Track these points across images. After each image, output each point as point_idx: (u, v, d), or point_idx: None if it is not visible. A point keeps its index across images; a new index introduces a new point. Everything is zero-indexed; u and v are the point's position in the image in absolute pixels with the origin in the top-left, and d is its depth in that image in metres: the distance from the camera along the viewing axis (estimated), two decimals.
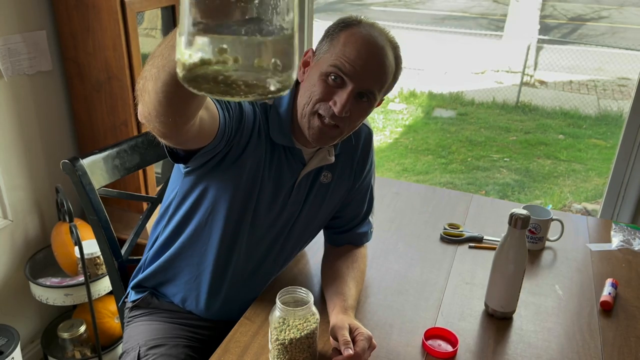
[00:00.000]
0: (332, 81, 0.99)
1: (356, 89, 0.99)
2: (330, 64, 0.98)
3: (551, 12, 10.36)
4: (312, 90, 1.01)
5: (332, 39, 1.01)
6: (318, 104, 1.00)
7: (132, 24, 1.79)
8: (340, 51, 0.98)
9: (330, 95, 1.00)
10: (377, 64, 1.00)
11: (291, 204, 1.14)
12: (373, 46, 0.99)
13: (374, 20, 1.06)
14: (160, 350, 1.14)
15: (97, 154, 1.37)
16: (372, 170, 1.26)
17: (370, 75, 0.99)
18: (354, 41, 0.99)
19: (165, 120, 0.82)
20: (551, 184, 4.38)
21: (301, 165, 1.12)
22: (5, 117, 1.78)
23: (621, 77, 6.85)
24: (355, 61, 0.98)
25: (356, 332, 0.97)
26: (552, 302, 1.20)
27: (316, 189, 1.16)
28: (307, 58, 1.05)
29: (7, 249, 1.88)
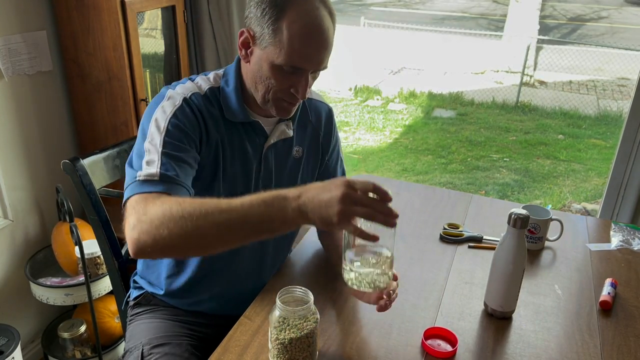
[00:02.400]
0: (287, 71, 1.02)
1: (311, 71, 1.04)
2: (282, 61, 0.99)
3: (551, 13, 10.36)
4: (268, 81, 1.03)
5: (274, 28, 0.98)
6: (278, 92, 1.05)
7: (132, 24, 1.80)
8: (289, 47, 0.98)
9: (288, 83, 1.03)
10: (324, 43, 1.01)
11: (263, 178, 1.17)
12: (318, 29, 0.99)
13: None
14: (164, 349, 1.14)
15: (97, 154, 1.37)
16: (337, 143, 1.33)
17: (321, 55, 1.02)
18: (299, 32, 0.98)
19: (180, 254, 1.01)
20: (551, 184, 4.38)
21: (263, 138, 1.15)
22: (6, 117, 1.79)
23: (621, 77, 6.86)
24: (306, 53, 1.00)
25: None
26: (552, 301, 1.20)
27: (290, 163, 1.21)
28: (245, 39, 1.04)
29: (7, 248, 1.88)
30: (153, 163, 0.97)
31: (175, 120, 1.03)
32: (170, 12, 2.05)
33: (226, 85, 1.11)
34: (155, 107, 1.06)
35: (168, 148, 1.00)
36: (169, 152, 0.99)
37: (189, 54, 2.18)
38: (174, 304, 1.25)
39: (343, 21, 9.30)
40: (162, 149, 0.99)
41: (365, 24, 7.87)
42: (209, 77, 1.13)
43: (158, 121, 1.03)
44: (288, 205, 0.84)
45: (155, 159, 0.98)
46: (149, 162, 0.97)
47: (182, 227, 0.84)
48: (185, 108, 1.05)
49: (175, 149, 1.01)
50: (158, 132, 1.01)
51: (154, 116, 1.04)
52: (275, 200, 0.85)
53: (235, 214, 0.84)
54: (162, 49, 2.13)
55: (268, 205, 0.84)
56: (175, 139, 1.02)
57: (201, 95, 1.09)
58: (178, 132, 1.02)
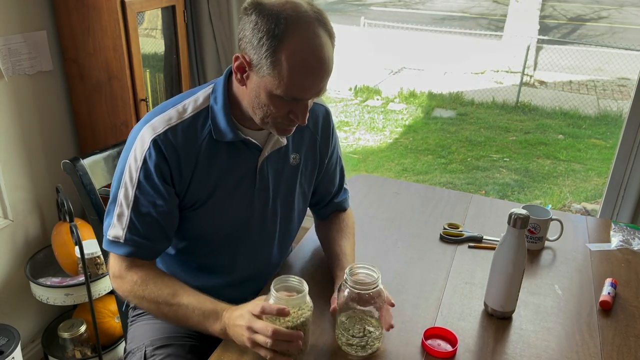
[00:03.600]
0: (286, 100, 0.99)
1: (311, 98, 1.02)
2: (282, 93, 0.97)
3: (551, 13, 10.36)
4: (267, 108, 1.00)
5: (273, 60, 0.94)
6: (278, 118, 1.02)
7: (132, 24, 1.80)
8: (288, 80, 0.95)
9: (287, 109, 1.01)
10: (325, 73, 0.97)
11: (258, 190, 1.15)
12: (319, 60, 0.95)
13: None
14: (167, 350, 1.14)
15: (97, 154, 1.37)
16: (336, 146, 1.32)
17: (321, 85, 0.99)
18: (299, 65, 0.94)
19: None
20: (551, 184, 4.38)
21: (257, 152, 1.13)
22: (6, 117, 1.79)
23: (621, 77, 6.86)
24: (307, 85, 0.97)
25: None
26: (552, 301, 1.20)
27: (287, 171, 1.19)
28: (241, 65, 0.99)
29: (7, 248, 1.88)
30: (122, 219, 1.05)
31: (145, 169, 1.03)
32: (170, 12, 2.05)
33: (215, 103, 1.08)
34: (130, 147, 1.06)
35: (138, 204, 1.04)
36: (139, 210, 1.05)
37: (189, 54, 2.18)
38: None
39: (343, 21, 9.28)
40: (133, 205, 1.04)
41: (365, 24, 7.87)
42: (197, 96, 1.09)
43: (131, 171, 1.05)
44: (218, 324, 0.99)
45: (124, 214, 1.05)
46: (119, 217, 1.06)
47: (142, 306, 1.08)
48: (152, 153, 1.03)
49: (145, 204, 1.04)
50: (131, 184, 1.05)
51: (128, 162, 1.06)
52: (211, 315, 1.00)
53: (179, 313, 1.03)
54: (162, 49, 2.13)
55: (204, 317, 1.01)
56: (146, 192, 1.04)
57: (182, 123, 1.05)
58: (149, 183, 1.04)
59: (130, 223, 1.05)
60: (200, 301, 1.02)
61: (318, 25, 0.95)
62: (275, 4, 0.94)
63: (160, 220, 1.06)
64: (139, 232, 1.05)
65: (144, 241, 1.06)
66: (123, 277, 1.07)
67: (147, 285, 1.05)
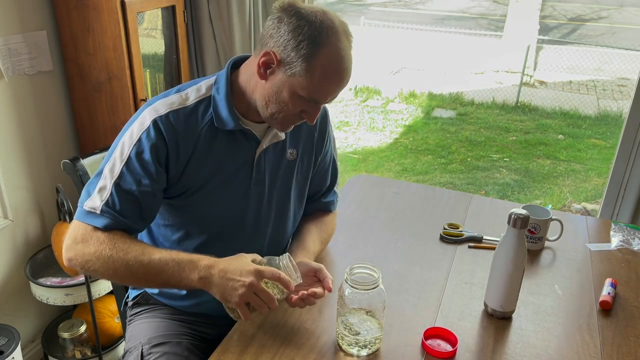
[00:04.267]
0: (305, 100, 1.04)
1: (328, 102, 1.09)
2: (306, 94, 1.02)
3: (551, 13, 10.37)
4: (284, 105, 1.05)
5: (308, 64, 1.00)
6: (290, 115, 1.07)
7: (132, 25, 1.80)
8: (317, 84, 1.01)
9: (301, 108, 1.06)
10: (346, 81, 1.05)
11: (254, 183, 1.16)
12: (345, 70, 1.03)
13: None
14: (164, 348, 1.14)
15: (97, 153, 1.37)
16: (331, 144, 1.33)
17: (340, 90, 1.07)
18: (329, 73, 1.01)
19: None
20: (551, 184, 4.38)
21: (255, 143, 1.14)
22: (6, 117, 1.79)
23: (621, 77, 6.86)
24: (330, 90, 1.04)
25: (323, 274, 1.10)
26: (552, 301, 1.20)
27: (284, 166, 1.20)
28: (269, 60, 1.03)
29: (7, 248, 1.88)
30: (103, 192, 1.05)
31: (139, 146, 1.04)
32: (170, 12, 2.05)
33: (217, 92, 1.11)
34: (129, 124, 1.09)
35: (122, 180, 1.05)
36: (121, 186, 1.04)
37: (189, 54, 2.18)
38: (173, 305, 1.25)
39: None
40: (117, 180, 1.04)
41: (365, 24, 7.87)
42: (200, 86, 1.12)
43: (124, 146, 1.06)
44: (195, 273, 1.00)
45: (107, 187, 1.05)
46: (100, 189, 1.05)
47: (108, 268, 1.02)
48: (152, 132, 1.04)
49: (129, 181, 1.05)
50: (120, 159, 1.05)
51: (122, 139, 1.07)
52: (187, 265, 1.01)
53: (151, 268, 1.01)
54: (162, 49, 2.13)
55: (179, 268, 1.01)
56: (133, 169, 1.05)
57: (185, 109, 1.08)
58: (140, 160, 1.04)
59: (109, 197, 1.04)
60: (173, 254, 1.03)
61: (346, 37, 1.03)
62: (314, 12, 1.01)
63: (140, 200, 1.05)
64: (115, 207, 1.04)
65: (119, 217, 1.04)
66: (87, 240, 1.03)
67: (114, 244, 1.02)
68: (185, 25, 2.11)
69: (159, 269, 1.01)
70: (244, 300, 0.98)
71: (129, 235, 1.07)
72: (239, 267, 1.00)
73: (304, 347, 1.04)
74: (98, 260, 1.02)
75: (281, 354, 1.02)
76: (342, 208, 1.47)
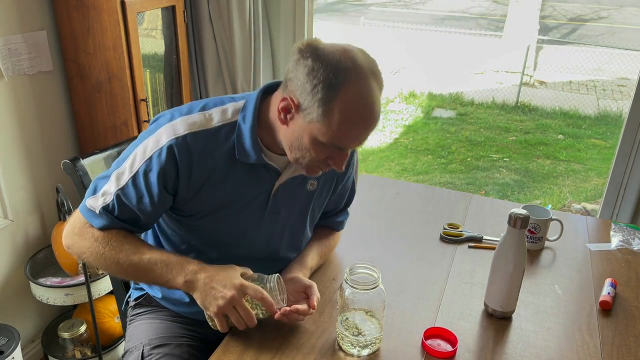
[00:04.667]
0: (329, 146, 0.98)
1: (355, 148, 1.02)
2: (327, 141, 0.96)
3: (551, 13, 10.37)
4: (306, 151, 0.99)
5: (325, 109, 0.93)
6: (315, 162, 1.01)
7: (132, 25, 1.80)
8: (338, 130, 0.94)
9: (326, 154, 1.00)
10: (373, 125, 0.97)
11: (269, 213, 1.12)
12: (370, 114, 0.95)
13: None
14: (164, 349, 1.14)
15: (97, 154, 1.37)
16: (354, 169, 1.28)
17: (367, 135, 0.99)
18: (351, 118, 0.94)
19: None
20: (551, 184, 4.38)
21: (276, 175, 1.09)
22: (6, 117, 1.79)
23: (621, 77, 6.86)
24: (354, 136, 0.97)
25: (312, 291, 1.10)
26: (552, 301, 1.20)
27: (301, 196, 1.16)
28: (287, 105, 0.97)
29: (7, 249, 1.88)
30: (106, 196, 1.04)
31: (148, 165, 1.01)
32: (170, 12, 2.05)
33: (243, 121, 1.04)
34: (147, 135, 1.04)
35: (125, 192, 1.03)
36: (122, 197, 1.03)
37: (189, 54, 2.18)
38: (176, 310, 1.24)
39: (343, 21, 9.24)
40: (121, 189, 1.03)
41: (365, 24, 7.87)
42: (226, 108, 1.06)
43: (136, 158, 1.03)
44: (182, 276, 1.01)
45: (110, 193, 1.04)
46: (104, 193, 1.05)
47: (100, 263, 1.06)
48: (163, 155, 1.00)
49: (132, 196, 1.03)
50: (129, 171, 1.03)
51: (137, 150, 1.04)
52: (175, 267, 1.02)
53: (140, 268, 1.03)
54: (162, 49, 2.13)
55: (167, 269, 1.02)
56: (138, 185, 1.02)
57: (206, 132, 1.02)
58: (145, 180, 1.02)
59: (110, 203, 1.04)
60: (164, 254, 1.04)
61: (372, 78, 0.95)
62: (333, 51, 0.93)
63: (138, 214, 1.05)
64: (113, 213, 1.05)
65: (116, 220, 1.05)
66: (84, 233, 1.05)
67: (108, 242, 1.04)
68: (185, 25, 2.11)
69: (148, 268, 1.03)
70: (221, 311, 0.99)
71: (125, 233, 1.07)
72: (225, 278, 0.99)
73: (304, 347, 1.04)
74: (91, 255, 1.05)
75: (281, 354, 1.02)
76: None
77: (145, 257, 1.03)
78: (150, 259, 1.03)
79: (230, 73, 2.20)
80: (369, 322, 1.03)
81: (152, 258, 1.03)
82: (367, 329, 1.03)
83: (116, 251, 1.03)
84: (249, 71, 2.20)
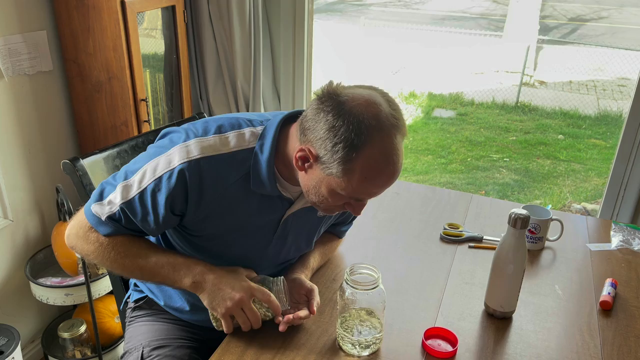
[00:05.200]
0: (348, 198, 0.97)
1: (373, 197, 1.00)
2: (349, 195, 0.95)
3: (551, 13, 10.36)
4: (324, 199, 0.97)
5: (346, 167, 0.90)
6: (333, 207, 1.00)
7: (132, 25, 1.79)
8: (357, 186, 0.93)
9: (344, 201, 0.99)
10: (394, 179, 0.96)
11: (277, 238, 1.11)
12: (393, 170, 0.93)
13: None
14: (164, 351, 1.14)
15: (97, 154, 1.37)
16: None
17: (387, 188, 0.98)
18: (372, 176, 0.92)
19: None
20: (551, 184, 4.38)
21: (287, 204, 1.08)
22: (6, 117, 1.79)
23: (621, 77, 6.85)
24: (373, 192, 0.97)
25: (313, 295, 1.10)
26: (552, 302, 1.20)
27: (311, 221, 1.15)
28: (305, 155, 0.94)
29: (7, 249, 1.88)
30: (111, 205, 1.02)
31: (157, 186, 0.98)
32: (170, 12, 2.05)
33: (260, 151, 1.00)
34: (159, 152, 1.00)
35: (131, 206, 1.00)
36: (128, 210, 1.01)
37: (189, 54, 2.17)
38: (177, 316, 1.23)
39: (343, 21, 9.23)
40: (126, 203, 1.00)
41: (365, 24, 7.87)
42: (243, 132, 1.01)
43: (145, 174, 0.99)
44: (189, 277, 1.01)
45: (116, 203, 1.01)
46: (110, 202, 1.02)
47: (105, 265, 1.07)
48: (173, 179, 0.96)
49: (136, 212, 1.01)
50: (137, 186, 1.00)
51: (148, 165, 1.00)
52: (181, 268, 1.02)
53: (147, 271, 1.04)
54: (162, 49, 2.13)
55: (174, 270, 1.02)
56: (144, 203, 1.00)
57: (220, 156, 0.98)
58: (152, 199, 0.99)
59: (116, 213, 1.02)
60: (170, 256, 1.04)
61: (396, 132, 0.92)
62: (355, 105, 0.89)
63: (141, 228, 1.04)
64: (120, 222, 1.03)
65: (122, 228, 1.04)
66: (89, 237, 1.04)
67: (113, 247, 1.03)
68: (185, 25, 2.11)
69: (155, 271, 1.03)
70: (229, 312, 1.00)
71: (131, 237, 1.06)
72: (233, 280, 1.00)
73: (304, 347, 1.04)
74: (96, 258, 1.06)
75: (281, 354, 1.02)
76: None
77: (152, 260, 1.03)
78: (157, 262, 1.03)
79: (230, 73, 2.20)
80: (369, 322, 1.03)
81: (159, 261, 1.03)
82: (367, 329, 1.03)
83: (122, 256, 1.04)
84: (249, 71, 2.20)
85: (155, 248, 1.07)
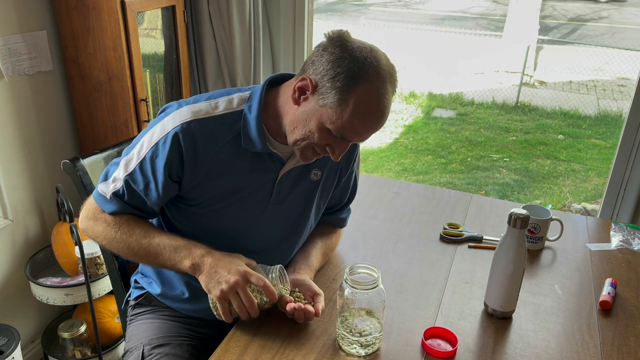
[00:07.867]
0: (333, 135, 1.01)
1: (356, 142, 1.06)
2: (334, 129, 0.99)
3: (551, 13, 10.37)
4: (310, 134, 1.02)
5: (342, 97, 0.96)
6: (314, 146, 1.04)
7: (132, 25, 1.80)
8: (347, 121, 0.98)
9: (327, 141, 1.03)
10: (379, 125, 1.01)
11: (273, 203, 1.14)
12: (380, 113, 0.99)
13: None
14: (165, 349, 1.14)
15: (97, 154, 1.37)
16: (356, 164, 1.30)
17: (371, 133, 1.03)
18: (362, 112, 0.97)
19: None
20: (551, 184, 4.38)
21: (280, 164, 1.12)
22: (6, 117, 1.79)
23: (621, 77, 6.86)
24: (360, 130, 1.00)
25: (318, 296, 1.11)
26: (552, 301, 1.20)
27: (305, 186, 1.17)
28: (304, 85, 1.00)
29: (7, 248, 1.88)
30: (116, 182, 1.08)
31: (154, 151, 1.04)
32: (170, 12, 2.05)
33: (249, 111, 1.07)
34: (155, 123, 1.08)
35: (133, 178, 1.07)
36: (131, 182, 1.07)
37: (189, 54, 2.18)
38: (175, 307, 1.24)
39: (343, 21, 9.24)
40: (129, 175, 1.07)
41: (365, 24, 7.88)
42: (232, 98, 1.09)
43: (143, 145, 1.07)
44: (189, 259, 1.03)
45: (120, 179, 1.08)
46: (115, 179, 1.09)
47: (112, 247, 1.11)
48: (168, 142, 1.03)
49: (139, 181, 1.07)
50: (137, 157, 1.07)
51: (145, 137, 1.07)
52: (182, 250, 1.05)
53: (150, 251, 1.07)
54: (162, 49, 2.13)
55: (175, 252, 1.05)
56: (144, 172, 1.06)
57: (211, 119, 1.05)
58: (151, 165, 1.05)
59: (120, 188, 1.08)
60: (172, 238, 1.07)
61: (390, 82, 1.00)
62: (361, 48, 0.98)
63: (146, 199, 1.09)
64: (123, 198, 1.09)
65: (127, 205, 1.09)
66: (97, 218, 1.11)
67: (120, 227, 1.08)
68: (185, 25, 2.11)
69: (157, 252, 1.06)
70: (224, 295, 1.01)
71: (135, 218, 1.11)
72: (230, 264, 1.02)
73: (304, 347, 1.04)
74: (104, 239, 1.10)
75: (281, 354, 1.02)
76: None
77: (155, 240, 1.07)
78: (160, 243, 1.06)
79: (230, 73, 2.20)
80: (369, 322, 1.03)
81: (161, 242, 1.06)
82: (367, 329, 1.03)
83: (127, 235, 1.08)
84: (249, 71, 2.20)
85: (158, 230, 1.10)
